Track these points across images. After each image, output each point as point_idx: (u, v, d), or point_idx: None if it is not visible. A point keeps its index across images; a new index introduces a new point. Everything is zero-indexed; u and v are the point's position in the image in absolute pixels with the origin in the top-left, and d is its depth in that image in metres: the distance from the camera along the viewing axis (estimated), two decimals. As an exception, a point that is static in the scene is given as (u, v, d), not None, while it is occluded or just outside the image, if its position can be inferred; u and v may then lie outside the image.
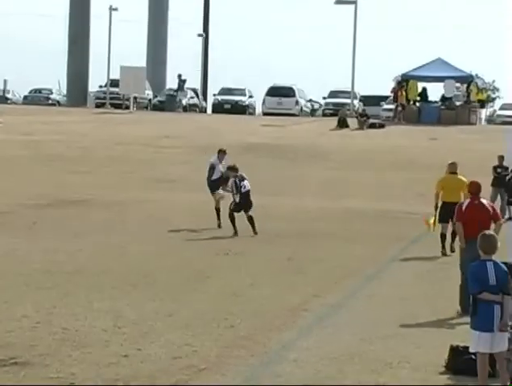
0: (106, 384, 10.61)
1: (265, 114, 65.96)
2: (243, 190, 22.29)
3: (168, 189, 32.07)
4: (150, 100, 71.21)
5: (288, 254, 19.23)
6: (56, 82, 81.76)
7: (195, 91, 71.71)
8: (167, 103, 68.73)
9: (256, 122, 59.68)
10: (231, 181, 22.67)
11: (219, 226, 22.99)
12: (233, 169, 22.67)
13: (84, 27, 75.94)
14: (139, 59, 77.13)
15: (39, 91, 78.66)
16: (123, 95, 67.92)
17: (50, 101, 76.16)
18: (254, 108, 71.73)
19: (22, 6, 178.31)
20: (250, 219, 21.96)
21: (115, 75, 66.94)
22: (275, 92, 67.16)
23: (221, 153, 24.49)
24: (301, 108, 66.40)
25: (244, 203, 22.21)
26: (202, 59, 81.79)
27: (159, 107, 68.29)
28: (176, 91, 68.81)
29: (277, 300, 14.87)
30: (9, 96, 75.15)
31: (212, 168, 24.16)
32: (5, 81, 74.05)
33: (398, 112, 53.30)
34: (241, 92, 71.00)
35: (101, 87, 71.65)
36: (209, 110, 72.04)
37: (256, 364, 11.25)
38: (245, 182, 22.48)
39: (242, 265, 18.47)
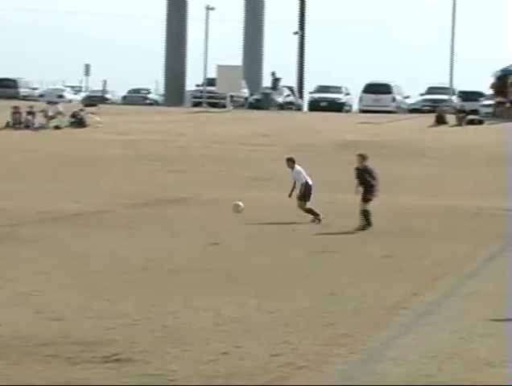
0: (206, 383, 10.79)
1: (361, 112, 65.68)
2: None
3: (265, 187, 32.70)
4: (246, 98, 71.60)
5: (386, 251, 19.36)
6: (154, 82, 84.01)
7: (291, 89, 72.15)
8: (263, 101, 68.98)
9: (352, 120, 59.65)
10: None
11: (317, 221, 23.57)
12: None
13: (181, 27, 77.12)
14: (235, 57, 78.10)
15: (138, 91, 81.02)
16: (220, 94, 67.96)
17: (148, 101, 77.98)
18: (351, 106, 71.03)
19: (121, 8, 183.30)
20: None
21: (212, 74, 67.80)
22: (372, 89, 66.96)
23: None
24: (398, 104, 65.36)
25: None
26: (298, 57, 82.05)
27: (256, 105, 68.49)
28: (272, 89, 69.17)
29: (375, 298, 14.97)
30: (108, 96, 76.33)
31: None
32: (104, 82, 75.61)
33: (505, 108, 52.78)
34: (338, 89, 70.92)
35: (197, 86, 72.47)
36: (305, 108, 72.29)
37: (355, 362, 11.31)
38: None
39: (340, 263, 18.57)
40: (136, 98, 77.77)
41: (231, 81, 64.40)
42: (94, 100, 67.86)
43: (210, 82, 66.93)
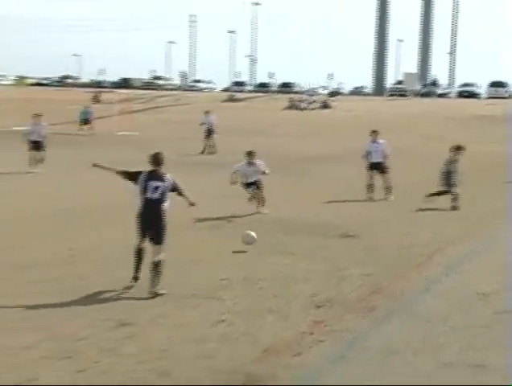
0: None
1: (488, 98, 63.87)
2: None
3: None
4: (419, 91, 70.89)
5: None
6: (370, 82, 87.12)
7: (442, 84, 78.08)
8: (429, 93, 69.96)
9: (482, 102, 58.72)
10: None
11: None
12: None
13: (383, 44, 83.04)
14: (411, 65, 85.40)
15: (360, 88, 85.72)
16: (404, 88, 69.85)
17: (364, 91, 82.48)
18: (481, 94, 68.33)
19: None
20: None
21: (399, 77, 75.51)
22: (493, 84, 67.68)
23: None
24: (510, 94, 65.98)
25: None
26: (450, 63, 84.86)
27: (424, 95, 67.55)
28: (432, 85, 72.70)
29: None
30: (342, 90, 79.93)
31: None
32: (339, 83, 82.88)
33: None
34: (474, 85, 70.24)
35: (392, 84, 77.79)
36: (454, 96, 69.87)
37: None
38: None
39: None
40: (357, 91, 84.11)
41: (411, 81, 74.63)
42: (334, 93, 74.24)
43: (399, 82, 75.75)
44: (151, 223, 10.25)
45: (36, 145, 23.93)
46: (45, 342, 8.03)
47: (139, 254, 10.37)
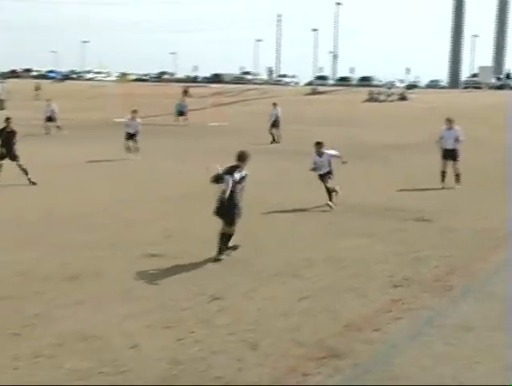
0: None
1: None
2: None
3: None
4: (493, 84, 70.53)
5: None
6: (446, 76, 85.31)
7: None
8: (502, 85, 69.16)
9: None
10: None
11: None
12: None
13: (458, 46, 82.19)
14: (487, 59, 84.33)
15: (436, 81, 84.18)
16: (479, 81, 70.87)
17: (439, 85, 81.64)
18: None
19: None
20: None
21: (475, 71, 75.26)
22: None
23: None
24: None
25: None
26: None
27: (497, 87, 67.00)
28: (507, 78, 71.17)
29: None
30: (418, 84, 79.98)
31: None
32: (416, 77, 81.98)
33: None
34: None
35: (467, 77, 76.70)
36: None
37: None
38: None
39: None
40: (433, 84, 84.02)
41: (486, 75, 74.09)
42: (411, 86, 74.73)
43: (473, 75, 75.39)
44: (226, 209, 10.76)
45: (131, 137, 24.87)
46: (149, 313, 8.22)
47: (223, 238, 10.79)
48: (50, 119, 34.29)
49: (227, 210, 10.76)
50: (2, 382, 6.45)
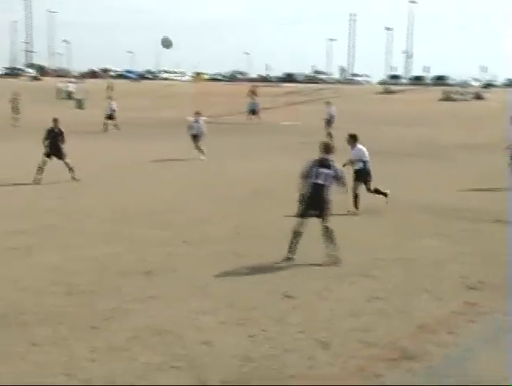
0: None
1: None
2: None
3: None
4: None
5: None
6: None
7: None
8: None
9: None
10: None
11: None
12: None
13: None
14: None
15: None
16: None
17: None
18: None
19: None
20: None
21: None
22: None
23: None
24: None
25: None
26: None
27: None
28: None
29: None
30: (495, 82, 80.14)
31: None
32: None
33: None
34: None
35: None
36: None
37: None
38: None
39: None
40: (511, 83, 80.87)
41: None
42: (487, 85, 73.82)
43: None
44: (316, 204, 10.47)
45: (195, 138, 24.92)
46: (221, 309, 8.32)
47: (297, 236, 10.60)
48: (110, 117, 34.83)
49: (321, 204, 10.51)
50: (79, 374, 6.58)
